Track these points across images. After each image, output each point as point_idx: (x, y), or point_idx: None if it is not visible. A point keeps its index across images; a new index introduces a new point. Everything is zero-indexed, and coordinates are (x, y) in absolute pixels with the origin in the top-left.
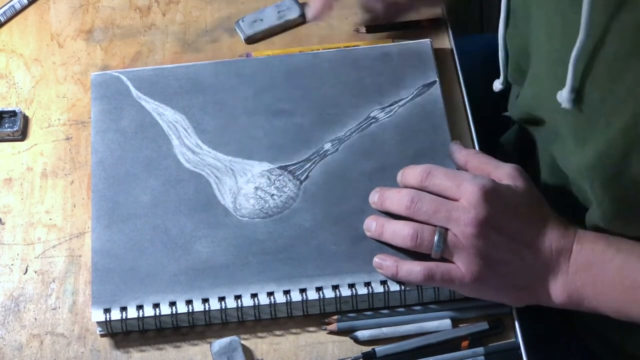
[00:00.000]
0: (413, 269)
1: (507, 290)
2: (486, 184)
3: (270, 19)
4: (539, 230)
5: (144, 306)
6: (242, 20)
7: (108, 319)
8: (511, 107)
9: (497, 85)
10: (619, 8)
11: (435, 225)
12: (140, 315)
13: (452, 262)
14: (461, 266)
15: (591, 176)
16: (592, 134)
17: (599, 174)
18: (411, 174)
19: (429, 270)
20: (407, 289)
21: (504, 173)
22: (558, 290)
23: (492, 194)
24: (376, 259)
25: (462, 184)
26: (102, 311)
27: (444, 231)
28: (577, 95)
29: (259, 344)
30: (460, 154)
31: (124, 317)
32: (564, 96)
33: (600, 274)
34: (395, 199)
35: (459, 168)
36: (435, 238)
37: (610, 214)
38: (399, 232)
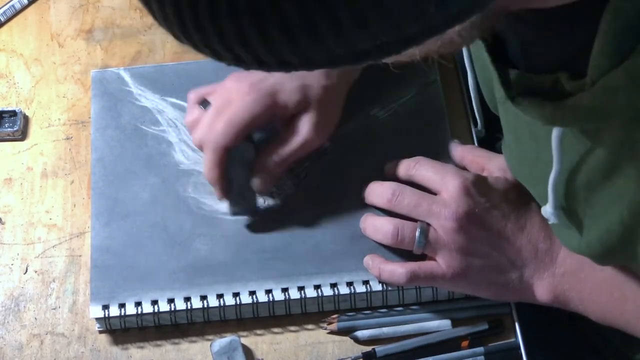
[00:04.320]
0: (396, 271)
1: (487, 286)
2: (468, 177)
3: None
4: (523, 226)
5: (143, 303)
6: None
7: (106, 316)
8: None
9: (477, 131)
10: (589, 146)
11: (417, 221)
12: (139, 312)
13: (433, 258)
14: (442, 262)
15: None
16: (575, 233)
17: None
18: (403, 164)
19: (412, 273)
20: (405, 287)
21: (496, 165)
22: (544, 291)
23: (474, 187)
24: (366, 259)
25: (446, 176)
26: (100, 307)
27: (425, 227)
28: (561, 210)
29: (259, 343)
30: (457, 150)
31: (122, 314)
32: (548, 212)
33: (589, 281)
34: (378, 192)
35: (458, 166)
36: (417, 234)
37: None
38: (380, 229)
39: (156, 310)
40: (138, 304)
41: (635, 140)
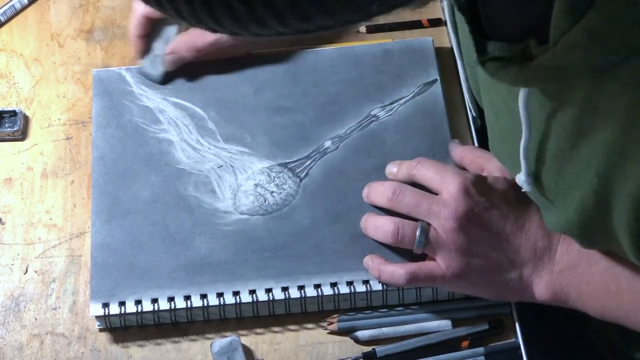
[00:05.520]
0: (396, 272)
1: (487, 286)
2: (468, 177)
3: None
4: (522, 225)
5: (142, 301)
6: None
7: (106, 313)
8: None
9: (473, 118)
10: (554, 110)
11: (417, 220)
12: (139, 310)
13: (433, 258)
14: (442, 262)
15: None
16: (554, 208)
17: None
18: (404, 164)
19: (412, 274)
20: (405, 288)
21: (495, 166)
22: (542, 289)
23: (474, 187)
24: (365, 259)
25: (446, 176)
26: (100, 305)
27: (426, 226)
28: (534, 178)
29: (259, 343)
30: (457, 150)
31: (122, 312)
32: (521, 179)
33: (586, 276)
34: (379, 191)
35: (458, 166)
36: (417, 234)
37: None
38: (381, 228)
39: (156, 309)
40: (138, 302)
41: (596, 105)
